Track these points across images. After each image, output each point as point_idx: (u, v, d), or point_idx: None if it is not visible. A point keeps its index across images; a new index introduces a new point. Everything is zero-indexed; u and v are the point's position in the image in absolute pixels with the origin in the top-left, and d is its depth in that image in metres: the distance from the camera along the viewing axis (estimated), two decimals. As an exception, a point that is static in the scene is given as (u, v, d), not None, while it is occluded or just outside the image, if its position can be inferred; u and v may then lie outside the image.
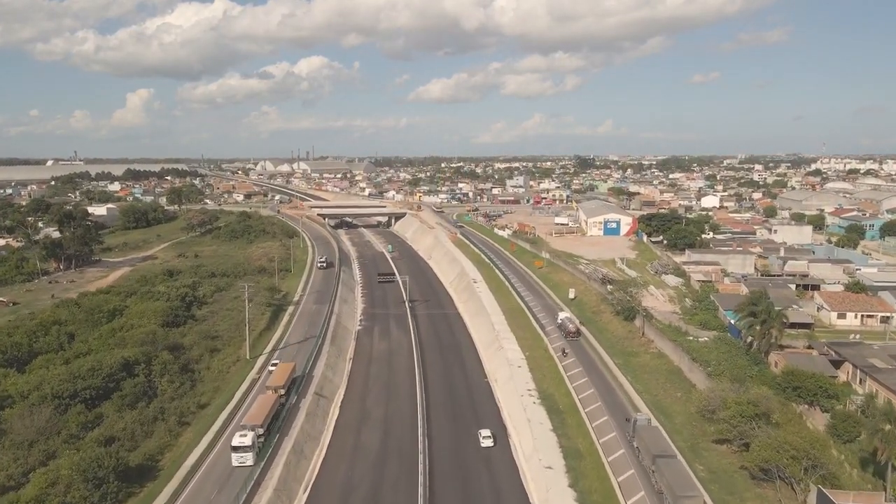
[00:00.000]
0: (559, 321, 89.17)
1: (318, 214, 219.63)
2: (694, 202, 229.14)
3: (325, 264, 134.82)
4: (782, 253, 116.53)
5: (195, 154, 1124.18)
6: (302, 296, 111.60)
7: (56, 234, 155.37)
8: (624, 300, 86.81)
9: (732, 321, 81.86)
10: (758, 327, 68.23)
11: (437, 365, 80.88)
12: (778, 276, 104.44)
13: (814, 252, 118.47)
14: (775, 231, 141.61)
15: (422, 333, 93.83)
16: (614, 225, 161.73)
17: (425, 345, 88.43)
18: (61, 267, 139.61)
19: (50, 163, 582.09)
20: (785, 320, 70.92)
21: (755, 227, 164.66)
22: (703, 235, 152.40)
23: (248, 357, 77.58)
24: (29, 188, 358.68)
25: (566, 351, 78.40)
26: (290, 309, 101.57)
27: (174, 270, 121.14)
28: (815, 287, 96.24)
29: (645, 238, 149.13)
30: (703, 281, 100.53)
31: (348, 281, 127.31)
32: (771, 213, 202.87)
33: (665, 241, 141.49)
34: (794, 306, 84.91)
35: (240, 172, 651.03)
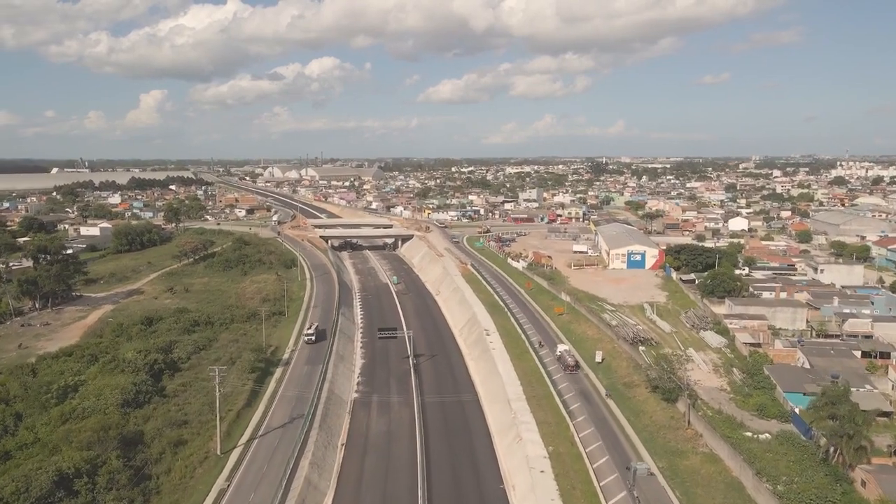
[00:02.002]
0: (558, 353, 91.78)
1: (321, 237, 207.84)
2: (721, 224, 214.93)
3: (312, 337, 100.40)
4: (836, 303, 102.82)
5: (206, 155, 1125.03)
6: (294, 350, 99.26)
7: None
8: (664, 377, 73.66)
9: (796, 408, 68.72)
10: (842, 437, 54.97)
11: (443, 458, 68.21)
12: (836, 336, 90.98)
13: (872, 303, 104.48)
14: (822, 271, 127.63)
15: (426, 406, 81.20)
16: (639, 257, 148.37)
17: (430, 425, 75.75)
18: (37, 306, 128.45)
19: (55, 170, 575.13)
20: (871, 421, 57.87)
21: (794, 258, 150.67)
22: (738, 271, 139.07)
23: (218, 453, 65.28)
24: (29, 200, 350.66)
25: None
26: (278, 373, 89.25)
27: (154, 318, 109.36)
28: (885, 354, 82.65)
29: (674, 275, 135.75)
30: (751, 345, 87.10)
31: (347, 327, 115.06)
32: (805, 237, 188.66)
33: (697, 281, 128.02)
34: (868, 387, 71.58)
35: (247, 178, 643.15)
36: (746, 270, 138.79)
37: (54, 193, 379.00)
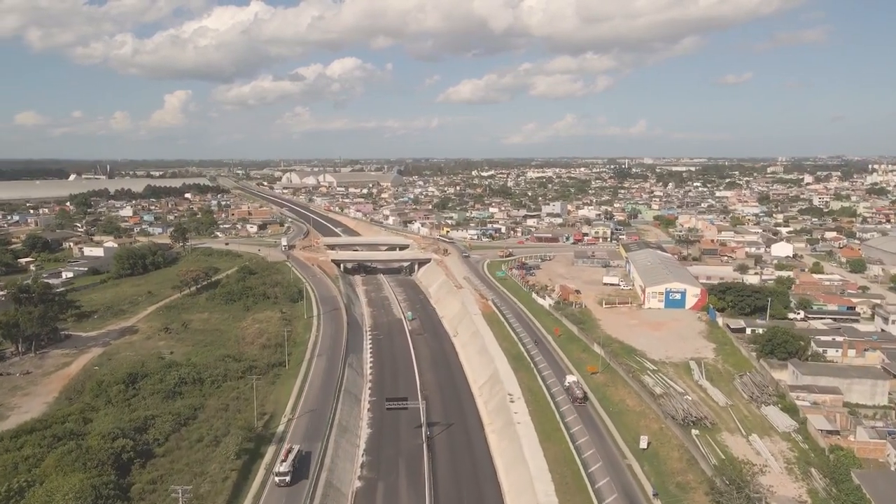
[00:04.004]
0: (566, 385, 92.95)
1: (333, 260, 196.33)
2: (762, 249, 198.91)
3: (287, 477, 66.40)
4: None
5: (228, 156, 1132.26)
6: (291, 420, 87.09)
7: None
8: (731, 493, 59.96)
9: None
10: None
11: None
12: (929, 419, 76.37)
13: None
14: (894, 321, 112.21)
15: (441, 505, 68.63)
16: (678, 296, 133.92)
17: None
18: (20, 349, 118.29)
19: (73, 177, 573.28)
20: None
21: (854, 299, 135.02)
22: (791, 315, 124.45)
23: (182, 592, 53.27)
24: (41, 211, 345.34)
25: None
26: (269, 454, 76.89)
27: (138, 374, 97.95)
28: None
29: (720, 320, 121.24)
30: (828, 433, 72.90)
31: (354, 382, 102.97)
32: (858, 266, 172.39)
33: (748, 330, 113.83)
34: None
35: (265, 184, 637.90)
36: (801, 315, 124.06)
37: (68, 203, 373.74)
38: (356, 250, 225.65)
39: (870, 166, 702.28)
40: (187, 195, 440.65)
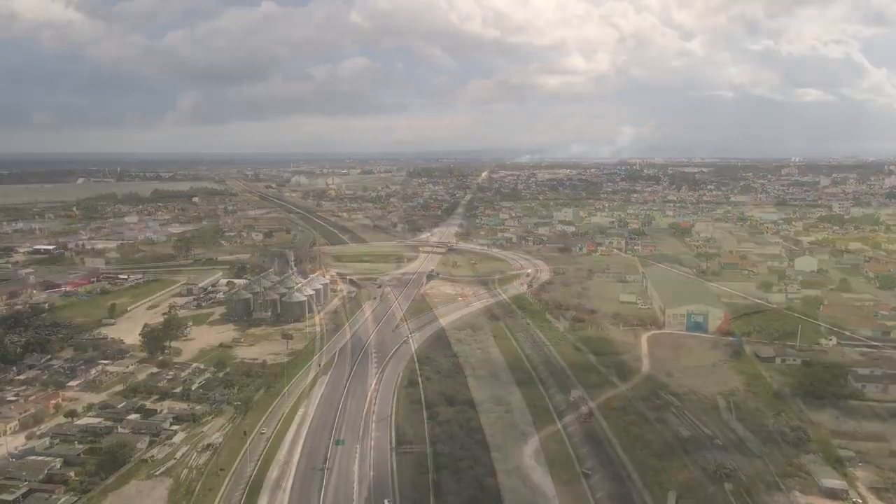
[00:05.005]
0: (572, 399, 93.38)
1: (339, 273, 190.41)
2: (785, 263, 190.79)
3: None
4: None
5: (238, 154, 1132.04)
6: (286, 463, 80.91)
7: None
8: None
9: None
10: None
11: None
12: None
13: None
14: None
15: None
16: (700, 319, 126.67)
17: None
18: (15, 370, 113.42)
19: (81, 180, 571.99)
20: None
21: (888, 322, 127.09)
22: (822, 341, 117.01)
23: None
24: (47, 216, 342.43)
25: None
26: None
27: (128, 407, 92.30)
28: None
29: (747, 348, 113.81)
30: (879, 489, 65.71)
31: (355, 415, 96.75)
32: (888, 283, 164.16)
33: (778, 359, 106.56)
34: None
35: (273, 186, 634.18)
36: (833, 341, 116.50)
37: (75, 208, 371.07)
38: (363, 261, 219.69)
39: (886, 167, 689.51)
40: (195, 199, 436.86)
